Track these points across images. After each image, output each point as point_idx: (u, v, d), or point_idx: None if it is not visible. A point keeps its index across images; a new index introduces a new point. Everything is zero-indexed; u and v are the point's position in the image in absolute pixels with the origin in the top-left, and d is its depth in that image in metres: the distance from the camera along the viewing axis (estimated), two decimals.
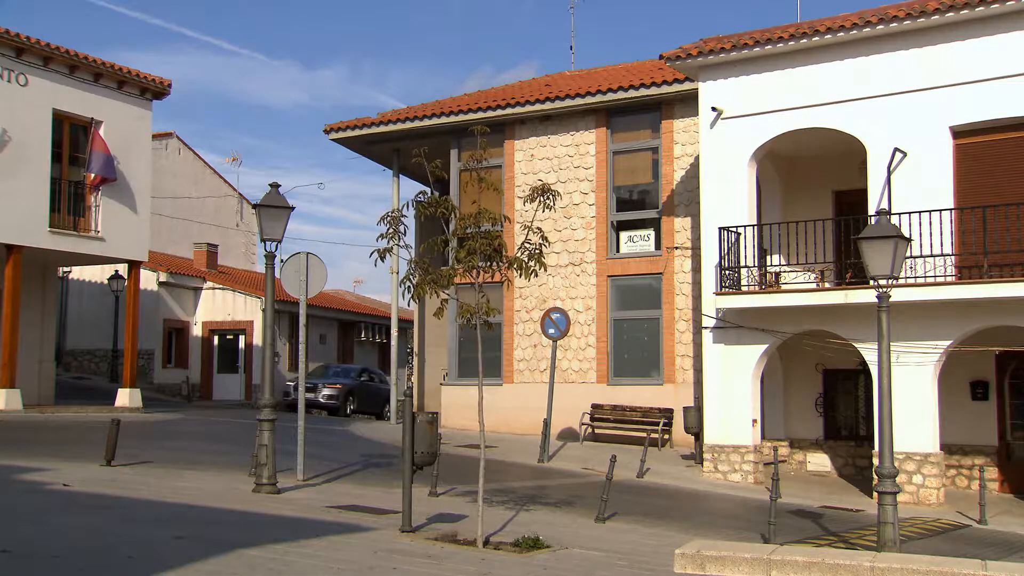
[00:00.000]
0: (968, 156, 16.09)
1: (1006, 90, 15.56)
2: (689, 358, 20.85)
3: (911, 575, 7.28)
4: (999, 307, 15.19)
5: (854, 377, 18.99)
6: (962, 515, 14.72)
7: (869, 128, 16.61)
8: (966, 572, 7.13)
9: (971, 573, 7.11)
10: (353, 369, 29.70)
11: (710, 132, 18.13)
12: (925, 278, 15.47)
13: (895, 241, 10.44)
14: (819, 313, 16.72)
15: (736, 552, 7.87)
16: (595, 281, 22.31)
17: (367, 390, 28.32)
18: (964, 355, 16.47)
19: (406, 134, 24.36)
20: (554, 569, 8.77)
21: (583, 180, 22.64)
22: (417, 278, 10.50)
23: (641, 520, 12.52)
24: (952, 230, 15.77)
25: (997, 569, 7.27)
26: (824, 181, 19.30)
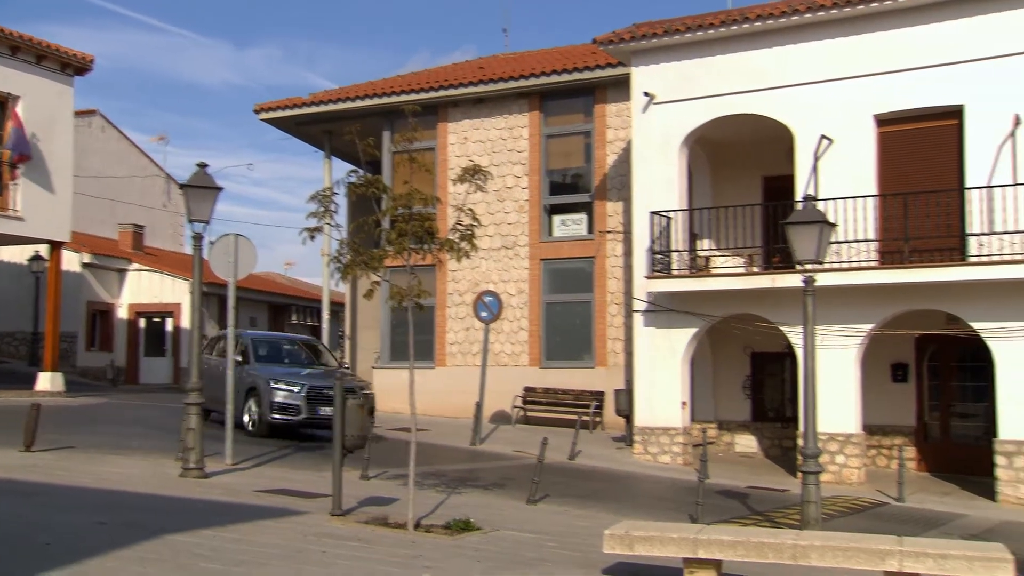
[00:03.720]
0: (891, 144, 16.47)
1: (927, 80, 15.95)
2: (620, 341, 21.04)
3: (832, 552, 7.45)
4: (919, 291, 15.61)
5: (781, 360, 19.37)
6: (882, 493, 15.14)
7: (797, 115, 16.90)
8: (882, 548, 7.31)
9: (887, 548, 7.28)
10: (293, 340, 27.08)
11: (642, 117, 18.26)
12: (850, 263, 15.82)
13: (820, 226, 10.64)
14: (747, 297, 17.00)
15: (664, 532, 7.96)
16: (528, 264, 22.36)
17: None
18: (885, 338, 16.90)
19: (338, 115, 24.08)
20: (485, 551, 8.79)
21: (516, 163, 22.64)
22: (348, 259, 10.39)
23: (572, 502, 12.62)
24: (876, 216, 16.15)
25: (911, 544, 7.46)
26: (753, 167, 19.60)
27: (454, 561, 8.23)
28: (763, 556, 7.61)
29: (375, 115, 23.48)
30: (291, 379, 16.78)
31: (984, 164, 15.42)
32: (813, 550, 7.47)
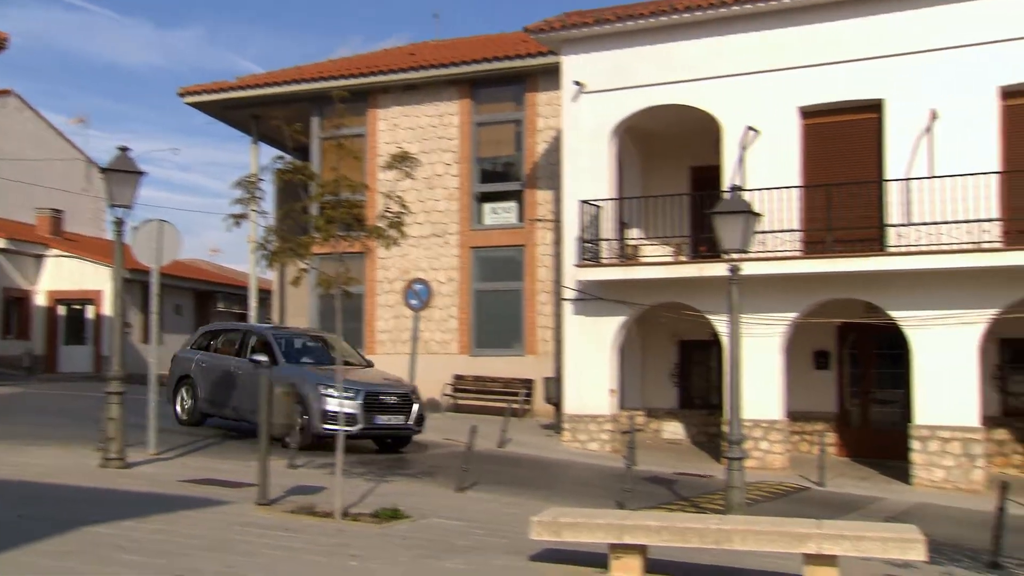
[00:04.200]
0: (816, 136, 16.83)
1: (849, 74, 16.32)
2: (550, 329, 21.17)
3: (754, 535, 7.62)
4: (841, 281, 16.00)
5: (707, 348, 19.68)
6: (804, 478, 15.51)
7: (724, 106, 17.16)
8: (802, 531, 7.51)
9: (806, 532, 7.48)
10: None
11: (572, 106, 18.36)
12: (775, 252, 16.13)
13: (745, 216, 10.84)
14: (675, 286, 17.23)
15: (590, 519, 8.06)
16: (458, 252, 22.34)
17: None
18: (808, 326, 17.29)
19: (266, 100, 23.73)
20: (413, 539, 8.79)
21: (447, 151, 22.58)
22: (275, 246, 10.26)
23: (501, 489, 12.67)
24: (800, 207, 16.50)
25: (830, 527, 7.67)
26: (682, 157, 19.84)
27: (381, 549, 8.21)
28: (687, 541, 7.75)
29: (304, 101, 23.20)
30: (343, 384, 14.39)
31: (903, 157, 15.85)
32: (736, 534, 7.63)
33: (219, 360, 16.31)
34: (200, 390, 16.37)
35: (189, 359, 16.94)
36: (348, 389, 14.14)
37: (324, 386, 14.36)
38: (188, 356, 17.09)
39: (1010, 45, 15.27)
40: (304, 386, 14.39)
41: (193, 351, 17.13)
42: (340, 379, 13.39)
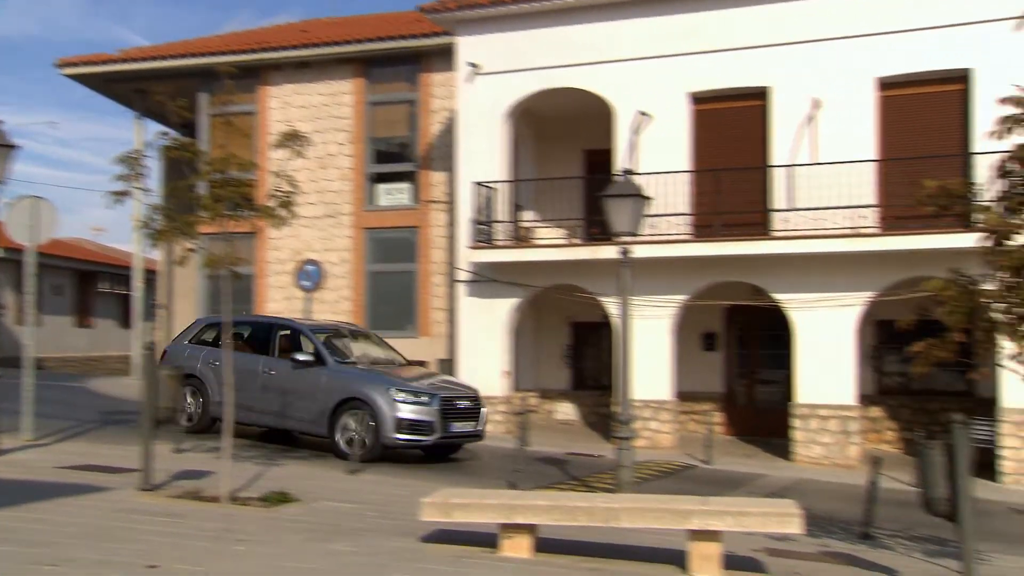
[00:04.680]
0: (705, 121, 17.20)
1: (737, 61, 16.73)
2: (444, 311, 21.14)
3: (640, 513, 7.81)
4: (728, 264, 16.44)
5: (599, 330, 19.97)
6: (692, 457, 15.93)
7: (617, 90, 17.38)
8: (687, 508, 7.72)
9: (691, 508, 7.69)
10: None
11: (467, 87, 18.34)
12: (665, 236, 16.46)
13: (635, 200, 11.02)
14: (568, 268, 17.43)
15: (481, 499, 8.12)
16: (351, 233, 22.08)
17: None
18: (697, 309, 17.72)
19: (151, 74, 22.93)
20: (302, 522, 8.70)
21: (340, 131, 22.26)
22: (160, 225, 9.96)
23: (393, 471, 12.64)
24: (690, 191, 16.86)
25: (714, 504, 7.92)
26: (576, 140, 20.03)
27: (270, 534, 8.10)
28: (577, 520, 7.89)
29: (191, 76, 22.49)
30: (415, 387, 13.46)
31: (788, 144, 16.34)
32: (623, 512, 7.80)
33: (241, 359, 13.72)
34: (212, 392, 14.31)
35: (193, 356, 14.86)
36: (421, 393, 13.30)
37: (398, 390, 13.17)
38: (190, 352, 14.99)
39: (888, 38, 15.88)
40: (372, 390, 13.19)
41: (195, 346, 15.13)
42: (420, 382, 13.15)
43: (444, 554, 7.76)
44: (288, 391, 13.76)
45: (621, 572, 7.59)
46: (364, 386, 13.30)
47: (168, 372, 9.97)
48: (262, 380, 14.05)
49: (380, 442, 13.06)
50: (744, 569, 7.98)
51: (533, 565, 7.53)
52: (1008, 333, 7.63)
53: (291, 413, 13.76)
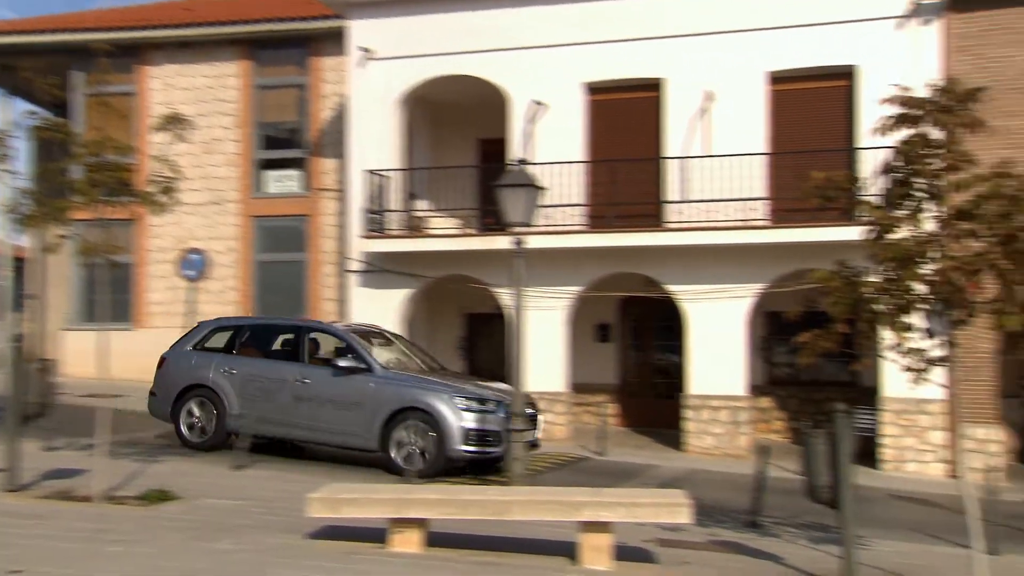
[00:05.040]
0: (601, 112, 17.39)
1: (631, 52, 16.95)
2: (334, 302, 20.88)
3: (533, 506, 7.89)
4: (623, 255, 16.68)
5: (494, 321, 20.02)
6: (586, 448, 16.12)
7: (512, 79, 17.42)
8: (579, 499, 7.83)
9: (583, 500, 7.81)
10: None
11: (359, 73, 18.13)
12: (560, 226, 16.60)
13: (529, 190, 11.07)
14: (462, 258, 17.41)
15: (370, 494, 8.07)
16: (238, 221, 21.60)
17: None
18: (592, 300, 17.93)
19: (19, 49, 21.91)
20: (183, 520, 8.49)
21: (226, 114, 21.72)
22: (29, 210, 9.56)
23: (281, 466, 12.45)
24: (585, 182, 17.04)
25: (606, 495, 8.06)
26: (471, 129, 19.99)
27: (148, 533, 7.88)
28: (469, 513, 7.91)
29: (64, 52, 21.58)
30: (479, 394, 12.71)
31: (681, 136, 16.66)
32: (515, 505, 7.85)
33: (264, 366, 13.36)
34: (229, 403, 13.20)
35: (201, 364, 13.63)
36: (487, 401, 12.55)
37: (463, 398, 12.42)
38: (197, 360, 13.72)
39: (778, 33, 16.33)
40: (434, 398, 12.34)
41: (202, 352, 13.91)
42: (479, 389, 12.57)
43: (332, 550, 7.68)
44: (327, 402, 12.68)
45: (512, 565, 7.64)
46: (424, 394, 12.36)
47: (35, 366, 9.57)
48: (294, 390, 12.89)
49: (445, 455, 12.16)
50: (634, 560, 8.13)
51: (423, 559, 7.52)
52: (888, 324, 7.94)
53: (331, 426, 12.65)
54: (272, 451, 13.44)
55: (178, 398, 13.58)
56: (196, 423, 13.49)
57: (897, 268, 7.72)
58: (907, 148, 7.65)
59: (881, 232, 7.89)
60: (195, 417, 13.50)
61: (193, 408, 13.51)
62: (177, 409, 13.57)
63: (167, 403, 13.68)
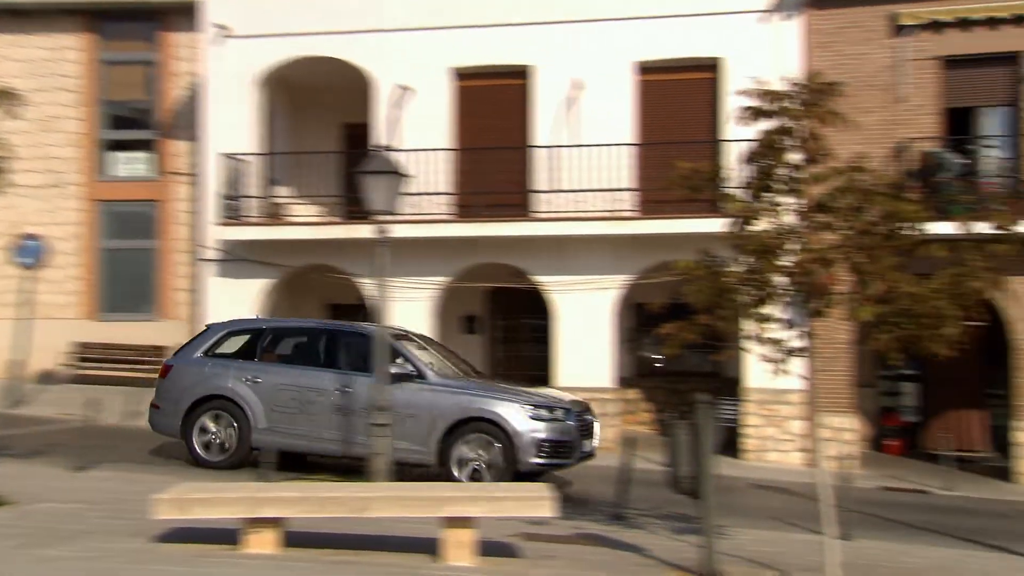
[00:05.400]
0: (469, 98, 17.41)
1: (499, 38, 17.02)
2: (187, 292, 20.28)
3: (394, 502, 7.84)
4: (491, 245, 16.75)
5: (359, 312, 19.80)
6: None
7: (377, 62, 17.26)
8: (442, 495, 7.84)
9: (446, 495, 7.82)
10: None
11: (215, 51, 17.66)
12: (427, 215, 16.55)
13: (393, 177, 10.99)
14: (325, 247, 17.18)
15: (221, 493, 7.87)
16: (81, 205, 20.71)
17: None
18: (459, 291, 17.96)
19: None
20: (17, 526, 8.11)
21: (66, 90, 20.76)
22: None
23: (129, 468, 12.04)
24: (453, 170, 17.03)
25: (468, 490, 8.12)
26: (335, 113, 19.69)
27: None
28: (328, 511, 7.81)
29: None
30: (548, 402, 12.08)
31: (550, 124, 16.84)
32: (375, 502, 7.80)
33: (297, 374, 12.49)
34: (254, 416, 12.33)
35: (218, 372, 12.66)
36: (556, 408, 11.97)
37: (533, 406, 11.85)
38: (212, 368, 12.74)
39: (645, 23, 16.68)
40: (502, 407, 11.77)
41: (216, 359, 12.91)
42: (544, 395, 11.93)
43: (180, 554, 7.46)
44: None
45: (371, 563, 7.59)
46: (490, 403, 11.72)
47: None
48: (334, 400, 12.12)
49: (515, 468, 11.59)
50: (498, 555, 8.19)
51: (278, 560, 7.39)
52: (749, 315, 8.23)
53: (406, 439, 11.80)
54: (294, 466, 12.56)
55: (189, 411, 12.52)
56: (214, 439, 12.51)
57: (757, 259, 8.00)
58: (766, 141, 7.93)
59: (742, 223, 8.16)
60: (212, 433, 12.52)
61: (208, 423, 12.53)
62: (189, 424, 12.50)
63: (175, 417, 12.56)
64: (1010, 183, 15.37)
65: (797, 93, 7.85)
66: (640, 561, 8.63)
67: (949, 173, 15.06)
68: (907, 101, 15.77)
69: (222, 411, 12.51)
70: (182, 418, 12.54)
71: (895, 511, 12.31)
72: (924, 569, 9.09)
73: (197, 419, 12.51)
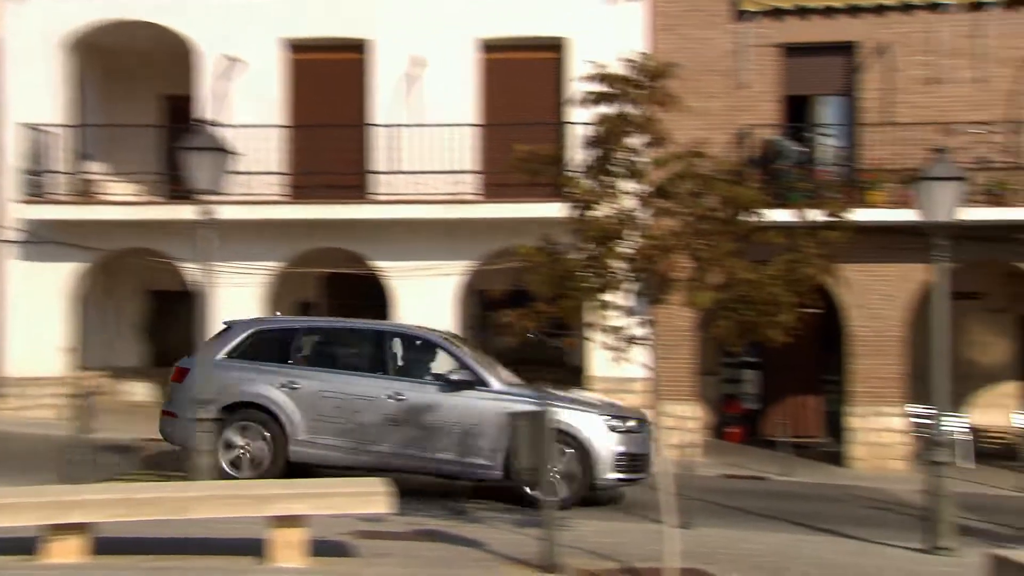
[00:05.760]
0: (304, 73, 17.10)
1: (336, 8, 16.76)
2: None
3: (215, 502, 7.63)
4: (327, 229, 16.53)
5: (183, 299, 19.17)
6: None
7: (199, 30, 16.75)
8: (267, 492, 7.69)
9: (272, 493, 7.67)
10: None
11: (13, 8, 16.92)
12: (259, 196, 16.15)
13: (218, 154, 10.67)
14: (144, 229, 16.61)
15: (22, 497, 7.48)
16: None
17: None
18: (294, 276, 17.62)
19: None
20: None
21: None
22: None
23: None
24: (288, 148, 16.68)
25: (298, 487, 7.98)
26: (155, 83, 18.95)
27: None
28: (143, 514, 7.57)
29: None
30: (621, 412, 11.82)
31: (389, 102, 16.69)
32: (195, 502, 7.59)
33: (341, 380, 11.72)
34: (292, 427, 11.51)
35: (249, 377, 11.82)
36: (629, 419, 11.63)
37: (611, 418, 11.49)
38: (241, 372, 11.89)
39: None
40: (578, 418, 11.29)
41: (244, 362, 12.06)
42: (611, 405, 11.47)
43: None
44: (434, 423, 11.29)
45: (192, 568, 7.38)
46: (563, 413, 10.80)
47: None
48: (386, 408, 11.41)
49: (591, 483, 11.29)
50: (331, 554, 8.09)
51: (83, 570, 7.08)
52: (591, 302, 8.36)
53: (440, 453, 11.27)
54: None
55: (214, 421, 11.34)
56: (244, 453, 11.67)
57: (598, 245, 8.13)
58: (605, 124, 8.06)
59: (583, 209, 8.28)
60: (241, 446, 11.68)
61: (234, 435, 11.68)
62: (220, 434, 11.44)
63: (197, 426, 10.99)
64: (845, 171, 16.20)
65: (636, 76, 8.01)
66: (479, 556, 8.68)
67: (787, 161, 15.75)
68: (749, 88, 16.39)
69: (253, 421, 11.69)
70: (214, 427, 11.28)
71: (735, 498, 12.82)
72: (761, 554, 9.48)
73: (224, 430, 11.55)
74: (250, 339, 12.35)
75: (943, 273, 10.47)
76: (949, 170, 10.50)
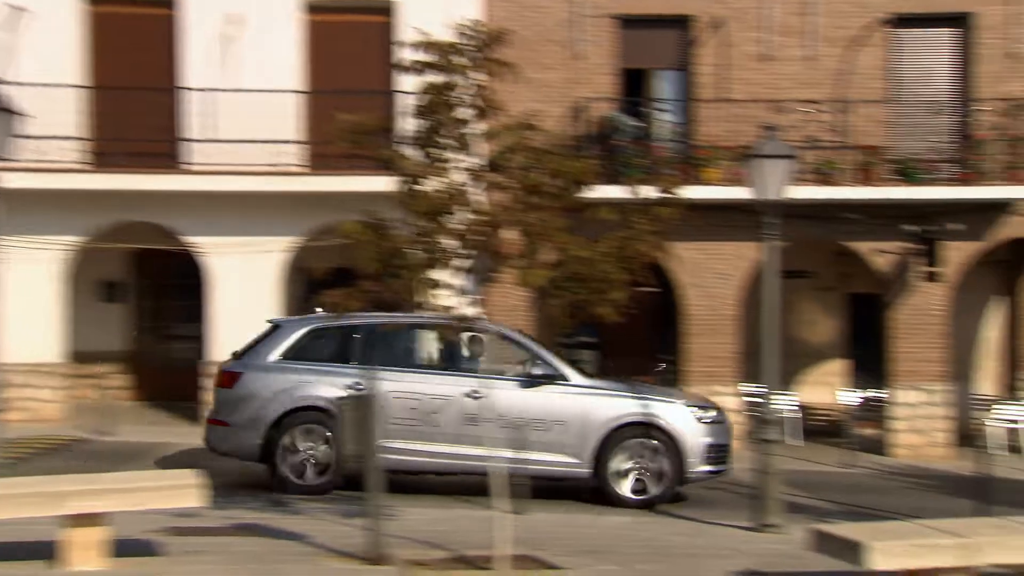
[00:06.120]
0: (105, 27, 16.43)
1: None
2: None
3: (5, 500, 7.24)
4: (134, 201, 15.95)
5: None
6: (86, 428, 15.32)
7: None
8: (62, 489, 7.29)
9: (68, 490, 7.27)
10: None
11: None
12: (52, 163, 15.37)
13: (3, 114, 10.14)
14: None
15: None
16: None
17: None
18: (96, 253, 16.92)
19: None
20: None
21: None
22: None
23: None
24: (88, 111, 15.97)
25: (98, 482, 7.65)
26: None
27: None
28: None
29: None
30: (705, 402, 12.10)
31: (203, 64, 16.13)
32: None
33: (412, 379, 11.42)
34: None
35: (309, 379, 11.42)
36: (710, 408, 11.86)
37: (698, 408, 11.69)
38: (300, 374, 11.47)
39: None
40: (666, 410, 11.46)
41: (302, 364, 11.61)
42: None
43: None
44: (516, 422, 10.69)
45: None
46: (651, 405, 11.37)
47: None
48: (462, 407, 11.09)
49: (683, 476, 11.45)
50: (135, 554, 7.84)
51: None
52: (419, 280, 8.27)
53: (526, 453, 10.58)
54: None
55: (273, 427, 11.23)
56: (309, 460, 11.24)
57: (427, 221, 8.05)
58: (432, 94, 7.98)
59: (411, 182, 8.18)
60: (304, 452, 11.26)
61: (297, 440, 11.23)
62: (271, 443, 11.19)
63: (254, 435, 11.24)
64: (681, 148, 16.63)
65: (464, 44, 7.94)
66: (301, 550, 8.55)
67: (625, 136, 16.05)
68: (585, 59, 16.60)
69: (316, 424, 11.31)
70: (263, 436, 11.29)
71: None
72: (594, 538, 9.69)
73: (282, 437, 11.25)
74: (305, 338, 12.04)
75: (774, 252, 10.87)
76: (779, 148, 10.88)
